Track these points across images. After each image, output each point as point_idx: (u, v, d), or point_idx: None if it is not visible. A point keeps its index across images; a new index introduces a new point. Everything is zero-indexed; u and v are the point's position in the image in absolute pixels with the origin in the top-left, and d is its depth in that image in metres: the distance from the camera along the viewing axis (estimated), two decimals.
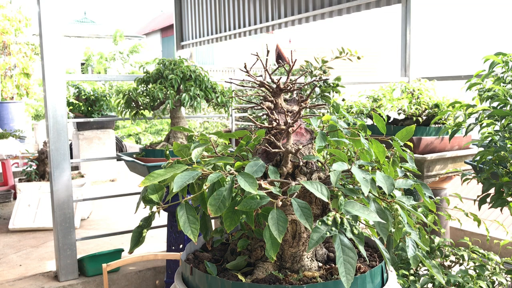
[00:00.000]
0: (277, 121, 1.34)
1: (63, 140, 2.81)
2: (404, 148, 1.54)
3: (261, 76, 1.49)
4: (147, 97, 2.71)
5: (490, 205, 1.97)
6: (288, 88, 1.44)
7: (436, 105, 3.07)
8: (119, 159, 3.01)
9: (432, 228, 2.37)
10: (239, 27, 6.99)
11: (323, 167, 1.39)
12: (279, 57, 18.62)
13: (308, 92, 2.76)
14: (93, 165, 6.38)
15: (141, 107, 2.76)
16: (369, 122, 3.13)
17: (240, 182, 1.16)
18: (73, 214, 2.87)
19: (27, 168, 4.81)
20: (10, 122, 9.55)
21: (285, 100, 1.49)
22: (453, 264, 2.34)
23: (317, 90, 2.80)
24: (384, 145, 1.43)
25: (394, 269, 2.13)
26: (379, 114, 2.73)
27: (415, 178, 1.50)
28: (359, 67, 17.48)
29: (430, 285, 2.07)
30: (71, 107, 6.05)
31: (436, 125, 3.09)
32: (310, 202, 1.35)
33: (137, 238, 1.26)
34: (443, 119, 3.01)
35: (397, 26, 4.34)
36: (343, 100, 3.13)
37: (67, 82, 5.89)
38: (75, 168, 6.59)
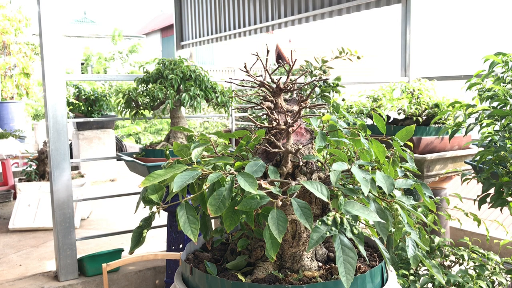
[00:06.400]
0: (277, 121, 1.34)
1: (63, 140, 2.81)
2: (404, 148, 1.54)
3: (261, 76, 1.49)
4: (147, 97, 2.71)
5: (490, 205, 1.97)
6: (288, 88, 1.44)
7: (436, 105, 3.07)
8: (119, 159, 3.01)
9: (432, 228, 2.37)
10: (239, 27, 6.99)
11: (323, 167, 1.39)
12: (279, 57, 18.61)
13: (308, 92, 2.76)
14: (93, 165, 6.38)
15: (141, 107, 2.76)
16: (369, 122, 3.13)
17: (240, 182, 1.15)
18: (73, 214, 2.87)
19: (27, 168, 4.81)
20: (10, 122, 9.55)
21: (285, 100, 1.49)
22: (453, 264, 2.34)
23: (317, 90, 2.80)
24: (384, 145, 1.43)
25: (394, 269, 2.13)
26: (379, 114, 2.73)
27: (415, 178, 1.50)
28: (359, 67, 17.47)
29: (430, 285, 2.07)
30: (71, 107, 6.05)
31: (436, 125, 3.09)
32: (310, 202, 1.35)
33: (137, 238, 1.26)
34: (443, 119, 3.01)
35: (397, 26, 4.34)
36: (343, 100, 3.13)
37: (67, 82, 5.88)
38: (75, 168, 6.59)
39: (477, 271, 2.17)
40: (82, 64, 13.76)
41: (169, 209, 2.64)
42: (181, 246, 2.74)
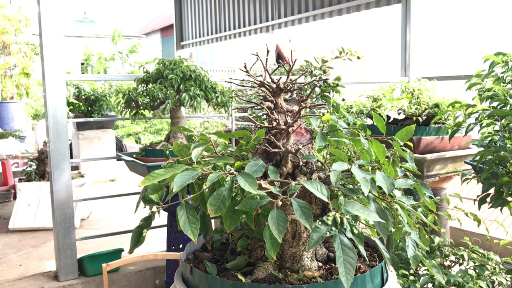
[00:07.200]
0: (277, 121, 1.34)
1: (63, 140, 2.81)
2: (404, 148, 1.54)
3: (261, 76, 1.49)
4: (147, 97, 2.71)
5: (490, 205, 1.97)
6: (288, 88, 1.44)
7: (436, 105, 3.07)
8: (119, 159, 3.01)
9: (432, 228, 2.37)
10: (239, 27, 6.98)
11: (323, 167, 1.39)
12: (279, 57, 18.61)
13: (308, 92, 2.76)
14: (93, 165, 6.38)
15: (141, 107, 2.76)
16: (369, 122, 3.13)
17: (240, 182, 1.15)
18: (73, 214, 2.87)
19: (27, 168, 4.81)
20: (10, 122, 9.56)
21: (285, 100, 1.49)
22: (453, 264, 2.34)
23: (317, 90, 2.80)
24: (384, 145, 1.43)
25: (394, 269, 2.13)
26: (379, 114, 2.73)
27: (415, 178, 1.50)
28: (359, 67, 17.46)
29: (430, 285, 2.07)
30: (71, 107, 6.05)
31: (436, 125, 3.09)
32: (310, 202, 1.35)
33: (137, 238, 1.26)
34: (443, 119, 3.01)
35: (397, 26, 4.34)
36: (343, 100, 3.13)
37: (67, 82, 5.89)
38: (75, 168, 6.59)
39: (477, 271, 2.17)
40: (82, 64, 13.76)
41: (169, 209, 2.64)
42: (181, 246, 2.74)
